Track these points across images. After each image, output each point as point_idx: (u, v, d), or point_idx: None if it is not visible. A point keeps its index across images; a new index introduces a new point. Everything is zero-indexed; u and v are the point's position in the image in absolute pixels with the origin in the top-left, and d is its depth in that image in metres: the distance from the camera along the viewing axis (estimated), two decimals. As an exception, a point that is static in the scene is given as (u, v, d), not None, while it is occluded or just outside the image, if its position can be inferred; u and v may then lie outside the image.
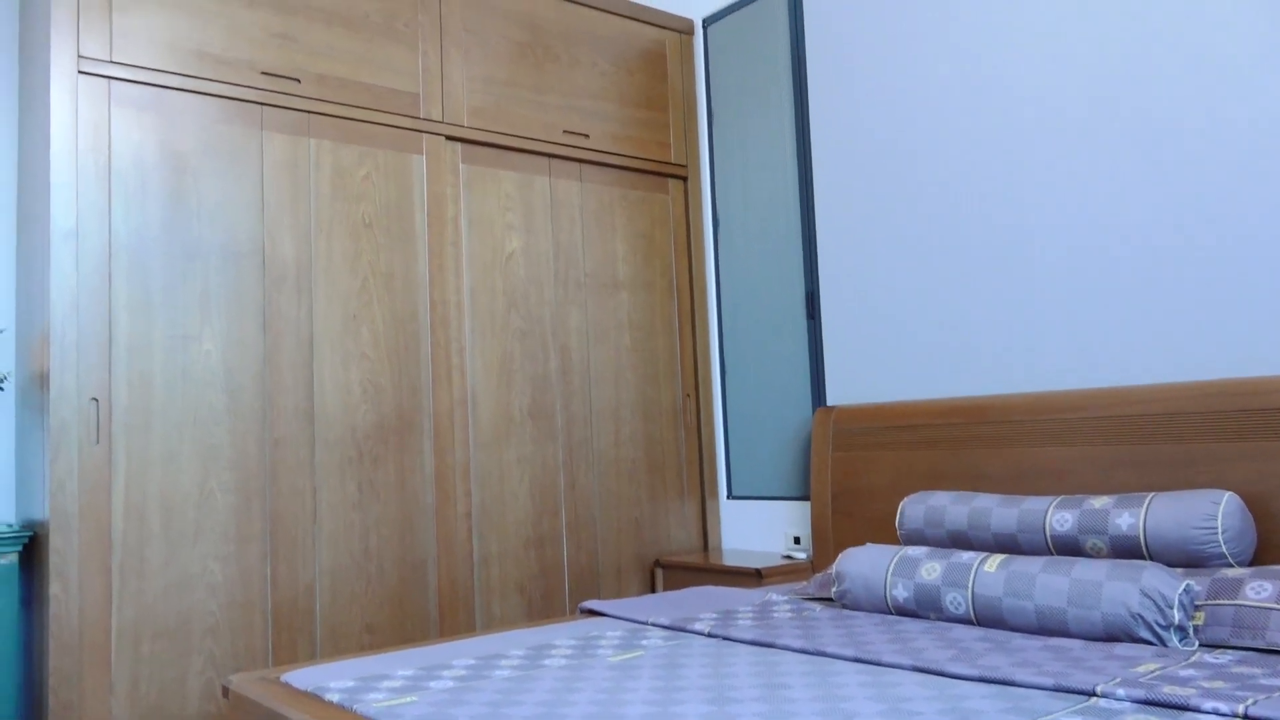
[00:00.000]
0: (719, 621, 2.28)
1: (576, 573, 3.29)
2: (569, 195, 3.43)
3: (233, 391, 2.64)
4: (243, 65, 2.74)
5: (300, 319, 2.78)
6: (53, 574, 2.35)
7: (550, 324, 3.32)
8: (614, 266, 3.52)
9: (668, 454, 3.59)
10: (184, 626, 2.51)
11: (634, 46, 3.67)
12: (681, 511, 3.60)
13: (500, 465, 3.15)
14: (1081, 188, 2.66)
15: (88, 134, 2.49)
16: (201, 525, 2.56)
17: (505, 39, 3.31)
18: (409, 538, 2.92)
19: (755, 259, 3.58)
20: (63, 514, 2.37)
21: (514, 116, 3.29)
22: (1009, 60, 2.83)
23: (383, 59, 3.01)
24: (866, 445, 3.04)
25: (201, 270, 2.63)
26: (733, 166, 3.69)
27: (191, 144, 2.65)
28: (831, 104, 3.31)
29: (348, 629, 2.77)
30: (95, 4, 2.53)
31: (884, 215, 3.14)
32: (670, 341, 3.65)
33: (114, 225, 2.51)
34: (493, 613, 3.08)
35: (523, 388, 3.23)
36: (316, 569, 2.74)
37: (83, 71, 2.49)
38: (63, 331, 2.41)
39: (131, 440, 2.48)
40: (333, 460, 2.80)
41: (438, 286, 3.05)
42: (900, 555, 2.34)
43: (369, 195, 2.95)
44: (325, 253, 2.85)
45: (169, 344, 2.56)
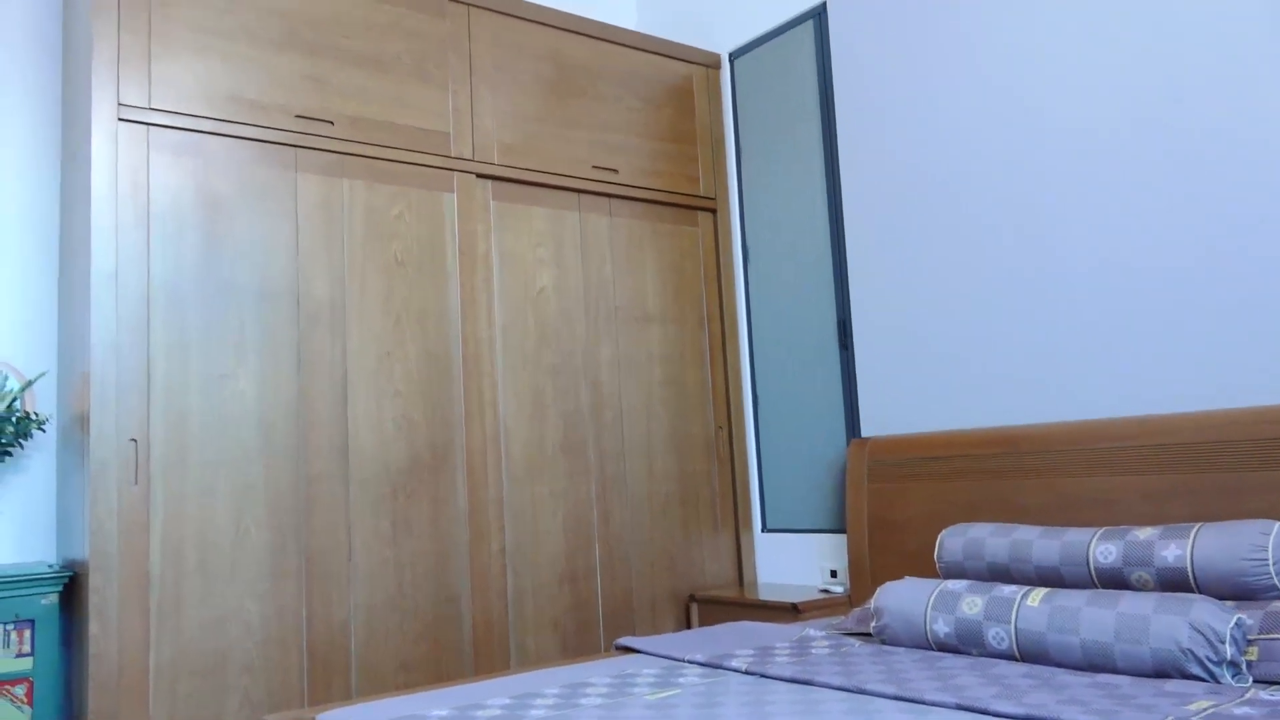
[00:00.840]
0: (756, 658, 2.24)
1: (611, 608, 3.26)
2: (599, 230, 3.44)
3: (268, 430, 2.67)
4: (277, 109, 2.79)
5: (334, 357, 2.80)
6: (92, 614, 2.36)
7: (582, 358, 3.33)
8: (645, 300, 3.52)
9: (701, 487, 3.57)
10: (220, 665, 2.52)
11: (661, 81, 3.70)
12: (716, 545, 3.57)
13: (533, 501, 3.14)
14: (1117, 210, 2.63)
15: (127, 179, 2.54)
16: (237, 563, 2.58)
17: (534, 77, 3.34)
18: (443, 574, 2.91)
19: (786, 290, 3.57)
20: (102, 554, 2.39)
21: (543, 153, 3.32)
22: (1038, 86, 2.82)
23: (414, 99, 3.05)
24: (902, 477, 3.00)
25: (237, 310, 2.66)
26: (762, 198, 3.69)
27: (227, 186, 2.69)
28: (860, 133, 3.31)
29: (383, 666, 2.76)
30: (135, 53, 2.59)
31: (915, 243, 3.12)
32: (702, 374, 3.64)
33: (152, 267, 2.55)
34: (527, 649, 3.06)
35: (555, 422, 3.23)
36: (351, 606, 2.74)
37: (123, 119, 2.55)
38: (102, 373, 2.45)
39: (169, 480, 2.51)
40: (367, 497, 2.80)
41: (470, 323, 3.07)
42: (940, 589, 2.30)
43: (401, 234, 2.98)
44: (359, 291, 2.87)
45: (205, 384, 2.59)
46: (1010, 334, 2.86)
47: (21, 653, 2.43)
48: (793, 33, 3.59)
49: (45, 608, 2.46)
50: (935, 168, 3.08)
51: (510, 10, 3.31)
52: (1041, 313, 2.78)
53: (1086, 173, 2.70)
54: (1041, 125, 2.81)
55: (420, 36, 3.09)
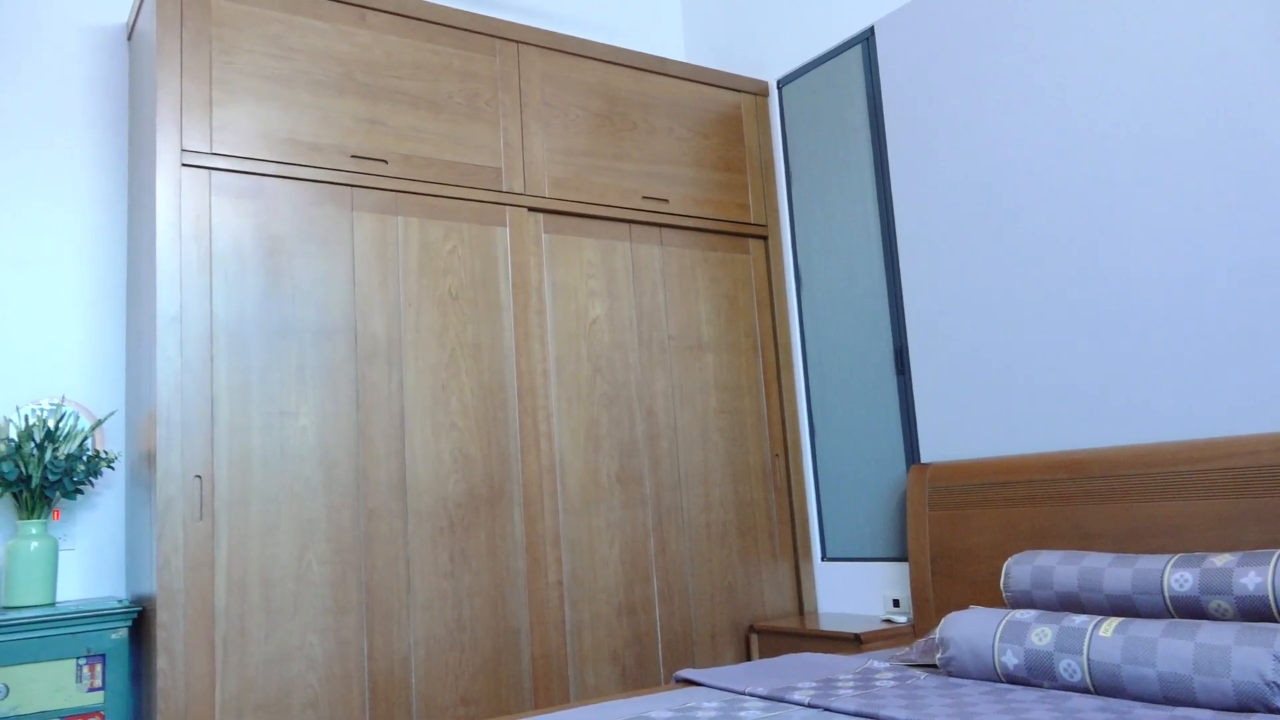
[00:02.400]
0: (819, 691, 2.20)
1: (670, 640, 3.24)
2: (650, 259, 3.45)
3: (328, 465, 2.70)
4: (333, 150, 2.85)
5: (391, 392, 2.84)
6: (160, 648, 2.41)
7: (636, 388, 3.33)
8: (698, 328, 3.52)
9: (759, 516, 3.53)
10: (285, 699, 2.54)
11: (710, 111, 3.71)
12: (775, 575, 3.52)
13: (590, 532, 3.13)
14: (1181, 226, 2.57)
15: (190, 222, 2.61)
16: (300, 598, 2.60)
17: (583, 110, 3.37)
18: (501, 606, 2.91)
19: (840, 316, 3.54)
20: (169, 589, 2.44)
21: (594, 185, 3.34)
22: (1094, 101, 2.77)
23: (466, 136, 3.10)
24: (965, 503, 2.94)
25: (297, 348, 2.71)
26: (813, 224, 3.67)
27: (286, 227, 2.75)
28: (911, 156, 3.28)
29: (443, 700, 2.77)
30: (197, 101, 2.67)
31: (972, 265, 3.08)
32: (757, 402, 3.62)
33: (215, 308, 2.61)
34: (587, 682, 3.04)
35: (610, 453, 3.23)
36: (411, 640, 2.75)
37: (186, 164, 2.63)
38: (168, 412, 2.50)
39: (233, 516, 2.55)
40: (425, 530, 2.82)
41: (524, 355, 3.09)
42: (1008, 619, 2.24)
43: (455, 268, 3.01)
44: (414, 326, 2.91)
45: (267, 421, 2.63)
46: (1073, 355, 2.79)
47: (93, 687, 2.48)
48: (841, 58, 3.58)
49: (115, 642, 2.51)
50: (990, 188, 3.04)
51: (559, 46, 3.35)
52: (1105, 332, 2.72)
53: (1148, 187, 2.64)
54: (1099, 141, 2.76)
55: (472, 75, 3.15)
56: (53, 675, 2.43)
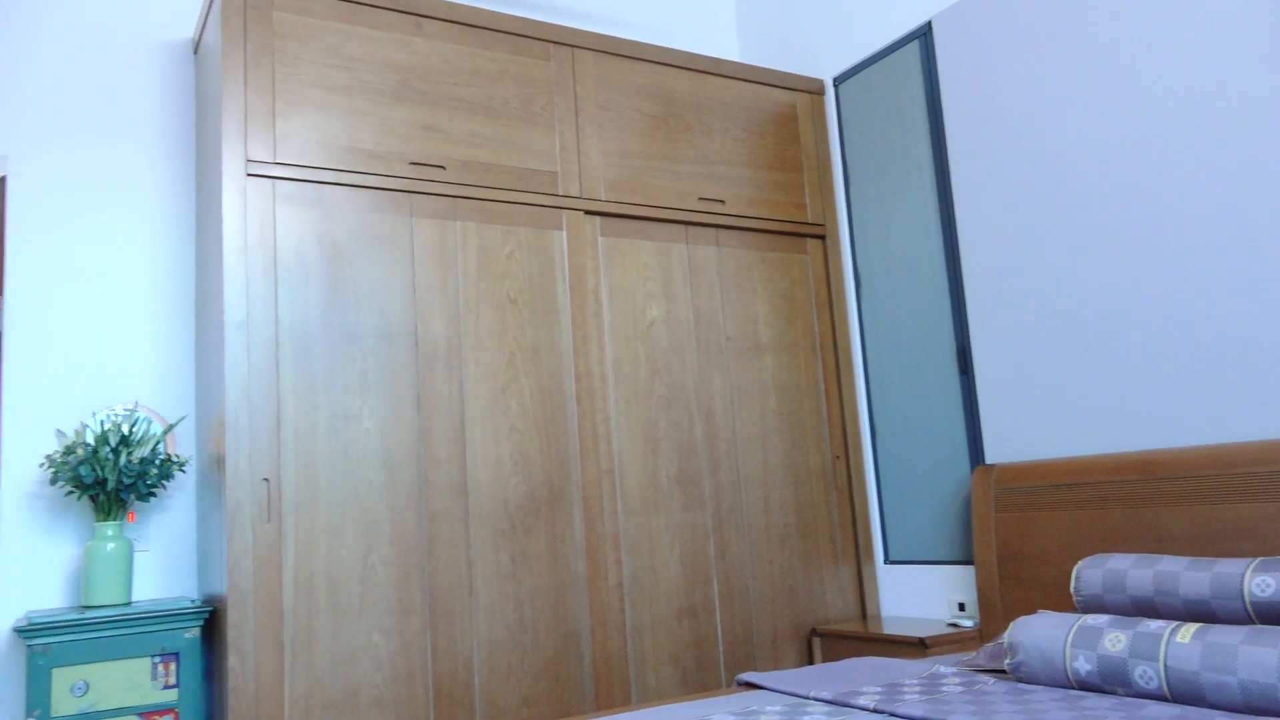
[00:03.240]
0: (885, 696, 2.17)
1: (731, 643, 3.22)
2: (707, 261, 3.44)
3: (391, 468, 2.74)
4: (393, 157, 2.89)
5: (452, 395, 2.86)
6: (231, 647, 2.46)
7: (694, 390, 3.32)
8: (755, 329, 3.49)
9: (820, 518, 3.50)
10: (351, 699, 2.58)
11: (765, 110, 3.69)
12: (837, 578, 3.48)
13: (650, 534, 3.13)
14: (1258, 216, 2.48)
15: (255, 231, 2.67)
16: (365, 599, 2.64)
17: (638, 113, 3.38)
18: (562, 608, 2.92)
19: (901, 315, 3.49)
20: (239, 590, 2.49)
21: (649, 187, 3.34)
22: (1167, 89, 2.69)
23: (522, 141, 3.12)
24: (1033, 505, 2.88)
25: (360, 352, 2.75)
26: (872, 223, 3.62)
27: (347, 234, 2.80)
28: (972, 152, 3.22)
29: (506, 701, 2.78)
30: (260, 111, 2.72)
31: (1038, 261, 3.01)
32: (816, 403, 3.58)
33: (280, 314, 2.66)
34: (648, 684, 3.03)
35: (669, 455, 3.22)
36: (474, 641, 2.77)
37: (250, 174, 2.68)
38: (236, 416, 2.56)
39: (300, 518, 2.59)
40: (486, 532, 2.84)
41: (582, 358, 3.10)
42: (1079, 624, 2.18)
43: (513, 272, 3.03)
44: (473, 330, 2.93)
45: (331, 424, 2.68)
46: (1145, 351, 2.72)
47: (168, 684, 2.54)
48: (898, 54, 3.53)
49: (188, 641, 2.57)
50: (1056, 181, 2.97)
51: (613, 49, 3.36)
52: (1178, 327, 2.64)
53: (1222, 177, 2.56)
54: (1170, 130, 2.68)
55: (527, 81, 3.17)
56: (129, 673, 2.50)
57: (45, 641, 2.41)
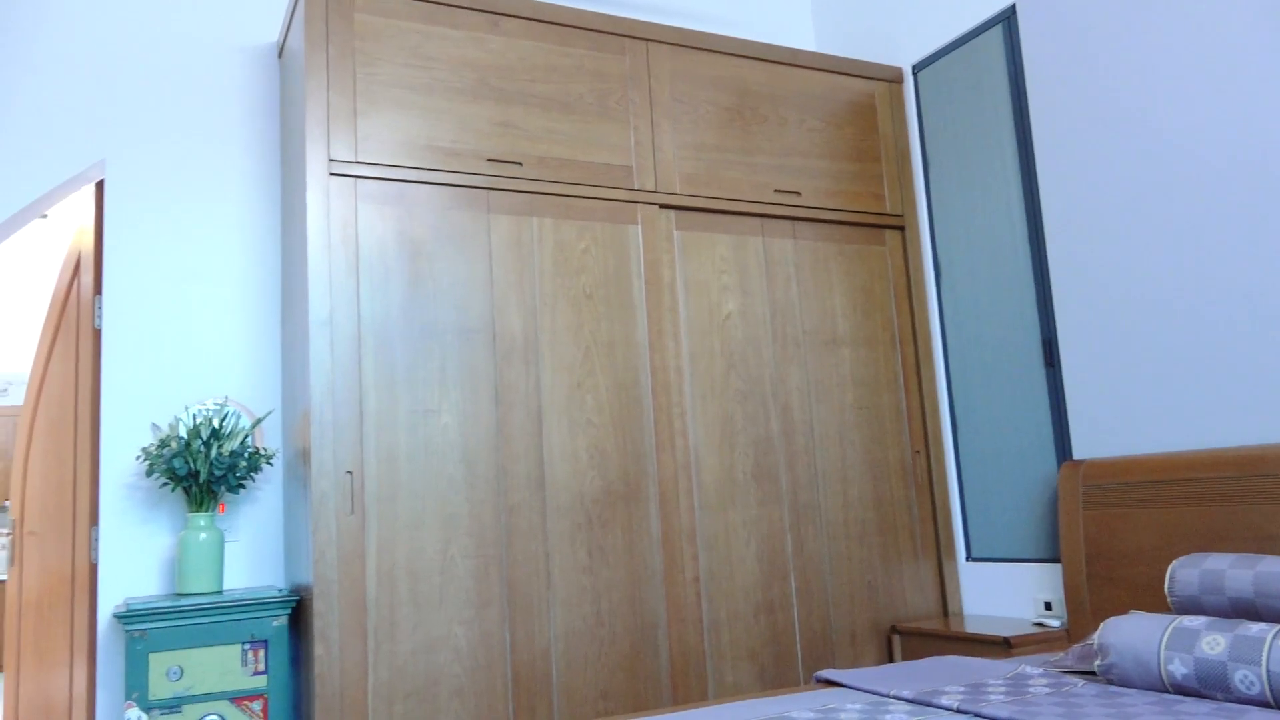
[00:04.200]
0: (968, 695, 2.12)
1: (809, 639, 3.18)
2: (783, 254, 3.40)
3: (469, 461, 2.77)
4: (470, 154, 2.93)
5: (529, 390, 2.89)
6: (316, 636, 2.52)
7: (770, 384, 3.29)
8: (833, 322, 3.45)
9: (899, 514, 3.43)
10: (432, 688, 2.62)
11: (842, 100, 3.63)
12: (917, 575, 3.42)
13: (726, 529, 3.11)
14: (1367, 205, 2.35)
15: (338, 229, 2.73)
16: (445, 590, 2.68)
17: (713, 105, 3.36)
18: (639, 602, 2.93)
19: (983, 307, 3.40)
20: (324, 580, 2.55)
21: (725, 180, 3.32)
22: (1268, 70, 2.57)
23: (597, 136, 3.12)
24: (1124, 502, 2.78)
25: (439, 348, 2.79)
26: (953, 213, 3.54)
27: (426, 231, 2.84)
28: (1059, 139, 3.12)
29: (583, 694, 2.80)
30: (342, 113, 2.78)
31: (1128, 250, 2.90)
32: (895, 397, 3.52)
33: (362, 311, 2.72)
34: (725, 680, 3.02)
35: (745, 450, 3.20)
36: (551, 633, 2.79)
37: (333, 173, 2.74)
38: (320, 411, 2.62)
39: (381, 510, 2.65)
40: (563, 526, 2.86)
41: (657, 352, 3.10)
42: (1174, 626, 2.10)
43: (589, 267, 3.04)
44: (550, 325, 2.95)
45: (411, 419, 2.72)
46: (1242, 342, 2.60)
47: (257, 671, 2.62)
48: (979, 40, 3.44)
49: (276, 629, 2.65)
50: (1148, 166, 2.86)
51: (688, 42, 3.34)
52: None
53: (1328, 162, 2.43)
54: (1271, 111, 2.55)
55: (602, 76, 3.17)
56: (221, 658, 2.58)
57: (142, 627, 2.51)
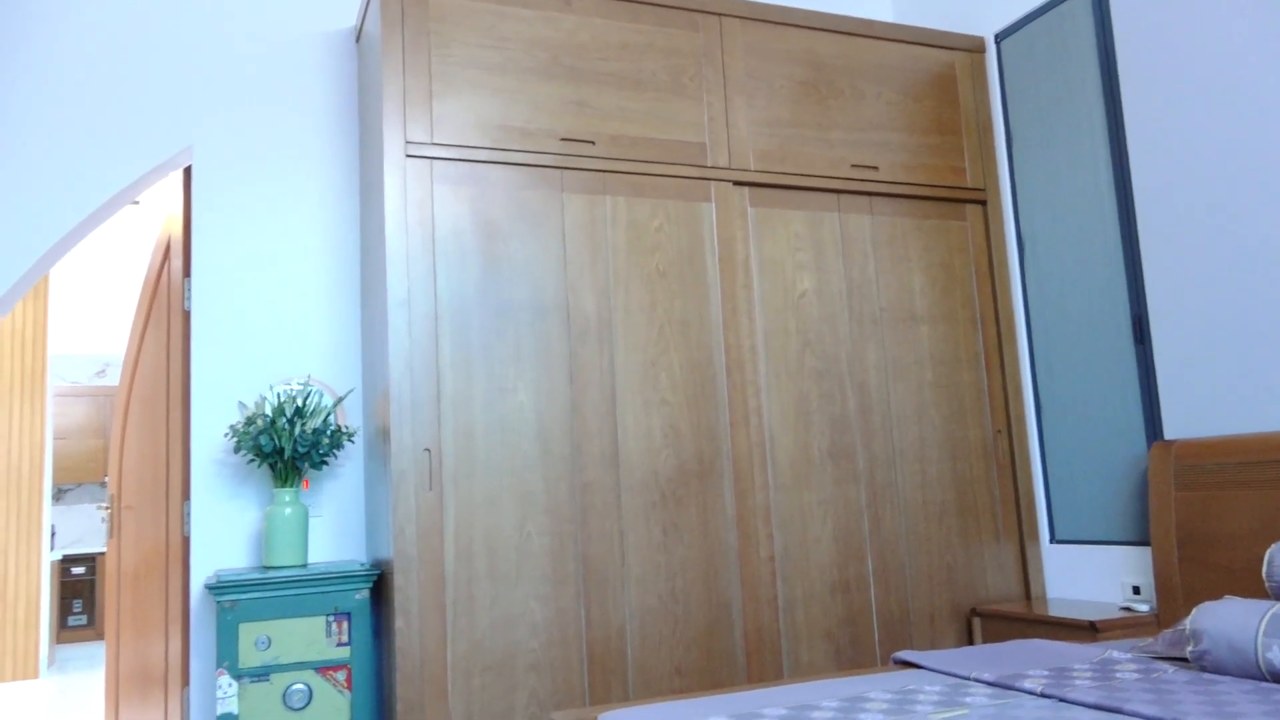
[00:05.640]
0: (1052, 680, 2.07)
1: (886, 620, 3.14)
2: (860, 230, 3.34)
3: (545, 439, 2.80)
4: (543, 134, 2.93)
5: (603, 368, 2.90)
6: (397, 609, 2.58)
7: (847, 363, 3.24)
8: (911, 300, 3.38)
9: (980, 495, 3.36)
10: (509, 662, 2.66)
11: (921, 71, 3.54)
12: (998, 556, 3.35)
13: (801, 508, 3.09)
14: None
15: (414, 210, 2.77)
16: (521, 566, 2.72)
17: (788, 80, 3.31)
18: (713, 581, 2.92)
19: (1069, 283, 3.29)
20: (404, 555, 2.60)
21: (800, 156, 3.27)
22: (1377, 30, 2.42)
23: (670, 114, 3.10)
24: (1218, 484, 2.67)
25: (513, 327, 2.82)
26: (1037, 186, 3.43)
27: (501, 211, 2.86)
28: (1150, 108, 3.00)
29: (658, 670, 2.81)
30: (418, 95, 2.81)
31: (1226, 222, 2.78)
32: (976, 375, 3.44)
33: (439, 291, 2.75)
34: (800, 659, 3.00)
35: (821, 428, 3.16)
36: (626, 610, 2.81)
37: (410, 155, 2.78)
38: (399, 389, 2.67)
39: (459, 487, 2.69)
40: (637, 504, 2.87)
41: (731, 330, 3.07)
42: (1273, 612, 2.02)
43: (662, 245, 3.03)
44: (623, 304, 2.96)
45: (488, 397, 2.76)
46: (1350, 318, 2.47)
47: (341, 642, 2.69)
48: (1066, 6, 3.32)
49: (358, 602, 2.71)
50: (1246, 136, 2.73)
51: (761, 16, 3.29)
52: (1392, 292, 2.38)
53: None
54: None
55: (674, 52, 3.15)
56: (307, 630, 2.66)
57: (232, 598, 2.60)
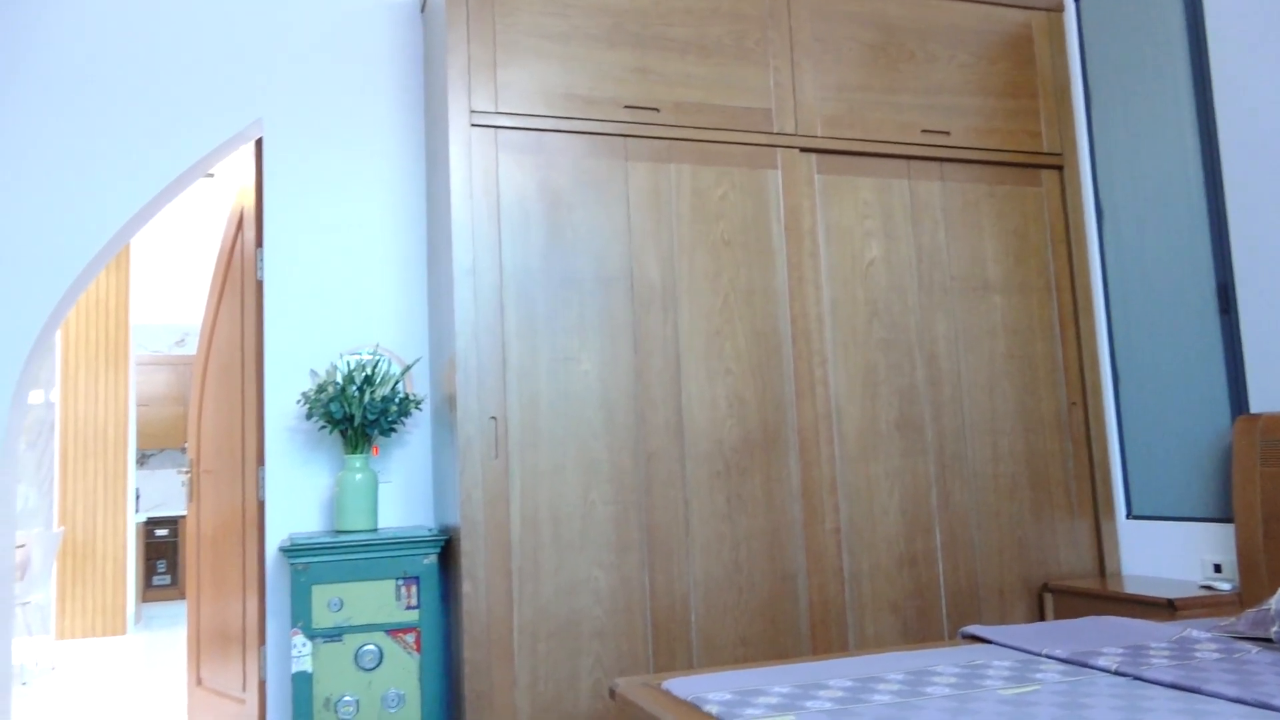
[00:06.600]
0: (1128, 658, 2.02)
1: (954, 594, 3.10)
2: (930, 196, 3.26)
3: (609, 408, 2.80)
4: (607, 102, 2.91)
5: (667, 337, 2.89)
6: (465, 574, 2.61)
7: (916, 332, 3.18)
8: (983, 268, 3.29)
9: (1053, 468, 3.28)
10: (574, 628, 2.69)
11: (995, 33, 3.43)
12: (1071, 532, 3.27)
13: (868, 480, 3.05)
14: None
15: (479, 179, 2.77)
16: (586, 534, 2.73)
17: (856, 43, 3.23)
18: (778, 551, 2.91)
19: (1150, 251, 3.18)
20: (471, 521, 2.64)
21: (868, 121, 3.20)
22: None
23: (735, 80, 3.06)
24: (1308, 458, 2.57)
25: (578, 296, 2.82)
26: (1117, 150, 3.31)
27: (565, 180, 2.85)
28: (1240, 69, 2.86)
29: (721, 639, 2.81)
30: (483, 64, 2.81)
31: (1319, 185, 2.65)
32: (1050, 346, 3.34)
33: (504, 260, 2.76)
34: (865, 631, 2.98)
35: (889, 399, 3.11)
36: (691, 579, 2.81)
37: (474, 124, 2.78)
38: (465, 358, 2.69)
39: (524, 455, 2.71)
40: (701, 473, 2.86)
41: (797, 299, 3.03)
42: (1366, 591, 1.93)
43: (727, 214, 3.00)
44: (688, 273, 2.93)
45: (552, 366, 2.77)
46: None
47: (410, 605, 2.74)
48: (1152, -42, 3.17)
49: (427, 566, 2.76)
50: (1345, 92, 2.59)
51: (830, -23, 3.22)
52: None
53: None
54: None
55: (740, 17, 3.09)
56: (377, 593, 2.72)
57: (305, 561, 2.66)
